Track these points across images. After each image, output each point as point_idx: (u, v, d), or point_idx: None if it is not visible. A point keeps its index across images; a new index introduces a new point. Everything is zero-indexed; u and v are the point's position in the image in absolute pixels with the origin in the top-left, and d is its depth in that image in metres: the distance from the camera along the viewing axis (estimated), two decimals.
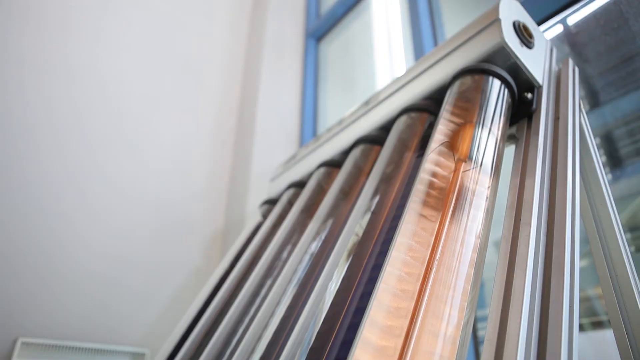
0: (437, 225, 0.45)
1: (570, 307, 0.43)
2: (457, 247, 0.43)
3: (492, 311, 0.41)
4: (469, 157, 0.51)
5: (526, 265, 0.45)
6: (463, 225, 0.45)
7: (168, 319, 1.22)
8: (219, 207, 1.47)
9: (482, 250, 0.46)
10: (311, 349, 0.44)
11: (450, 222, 0.45)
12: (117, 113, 1.33)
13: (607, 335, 1.02)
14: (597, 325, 1.03)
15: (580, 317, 0.56)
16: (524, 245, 0.48)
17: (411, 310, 0.37)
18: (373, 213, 0.58)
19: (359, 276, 0.47)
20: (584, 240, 0.56)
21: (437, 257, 0.41)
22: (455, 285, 0.41)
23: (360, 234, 0.55)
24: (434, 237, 0.44)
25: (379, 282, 0.39)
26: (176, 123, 1.47)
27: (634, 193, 1.00)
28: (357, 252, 0.50)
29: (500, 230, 0.51)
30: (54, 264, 1.09)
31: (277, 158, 1.46)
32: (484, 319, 1.10)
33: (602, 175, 0.63)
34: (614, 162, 1.02)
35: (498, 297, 0.43)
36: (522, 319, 0.40)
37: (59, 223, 1.13)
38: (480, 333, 1.10)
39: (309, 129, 1.66)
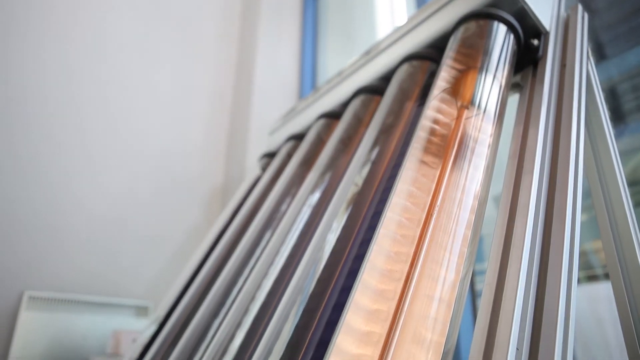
0: (438, 172, 0.44)
1: (570, 255, 0.42)
2: (458, 194, 0.43)
3: (492, 257, 0.41)
4: (471, 103, 0.50)
5: (527, 214, 0.45)
6: (464, 173, 0.44)
7: (170, 273, 1.23)
8: (218, 163, 1.46)
9: (483, 199, 0.45)
10: (311, 295, 0.44)
11: (452, 170, 0.44)
12: (114, 70, 1.30)
13: (599, 289, 1.03)
14: (591, 278, 1.05)
15: None
16: (526, 194, 0.47)
17: (411, 255, 0.37)
18: (373, 163, 0.57)
19: (359, 224, 0.46)
20: (585, 194, 0.55)
21: (438, 203, 0.41)
22: (456, 231, 0.40)
23: (360, 184, 0.54)
24: (435, 184, 0.43)
25: (379, 227, 0.38)
26: (173, 79, 1.44)
27: (636, 148, 0.99)
28: (357, 201, 0.50)
29: (501, 184, 0.51)
30: (58, 219, 1.10)
31: (276, 113, 1.44)
32: (483, 272, 1.11)
33: (608, 126, 0.62)
34: (618, 117, 1.01)
35: (498, 244, 0.43)
36: (522, 265, 0.40)
37: (61, 179, 1.13)
38: (479, 287, 1.11)
39: (308, 83, 1.63)
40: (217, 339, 0.57)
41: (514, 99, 0.61)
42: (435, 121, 0.49)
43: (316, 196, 0.65)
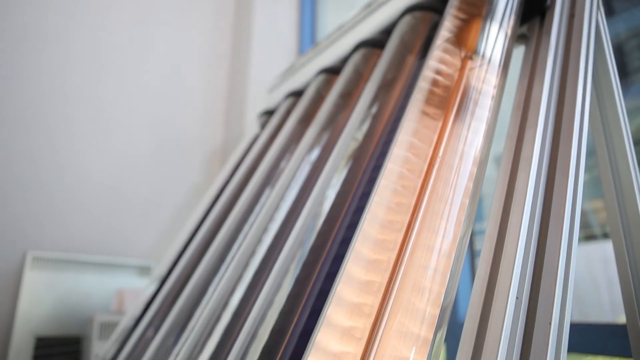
0: (440, 123, 0.43)
1: (572, 210, 0.42)
2: (460, 146, 0.42)
3: (494, 209, 0.40)
4: (475, 54, 0.48)
5: (530, 167, 0.44)
6: (467, 125, 0.43)
7: (172, 233, 1.24)
8: (217, 123, 1.45)
9: (485, 150, 0.44)
10: (311, 248, 0.44)
11: (454, 121, 0.43)
12: (111, 31, 1.27)
13: (595, 249, 1.04)
14: (589, 238, 1.05)
15: None
16: (529, 147, 0.46)
17: (412, 206, 0.37)
18: (373, 117, 0.56)
19: (360, 177, 0.45)
20: (588, 153, 0.54)
21: (440, 154, 0.40)
22: (457, 184, 0.40)
23: (361, 138, 0.53)
24: (436, 136, 0.42)
25: (380, 178, 0.38)
26: (170, 39, 1.41)
27: None
28: (357, 155, 0.49)
29: (502, 145, 0.49)
30: (59, 180, 1.09)
31: (275, 72, 1.41)
32: (482, 232, 1.11)
33: (616, 81, 0.60)
34: (623, 75, 0.99)
35: (500, 195, 0.42)
36: (524, 217, 0.39)
37: (63, 140, 1.12)
38: (478, 247, 1.12)
39: (308, 41, 1.59)
40: (217, 294, 0.57)
41: (519, 52, 0.59)
42: (438, 72, 0.47)
43: (315, 153, 0.64)
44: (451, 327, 0.98)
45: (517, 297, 0.34)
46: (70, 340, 1.02)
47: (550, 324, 0.33)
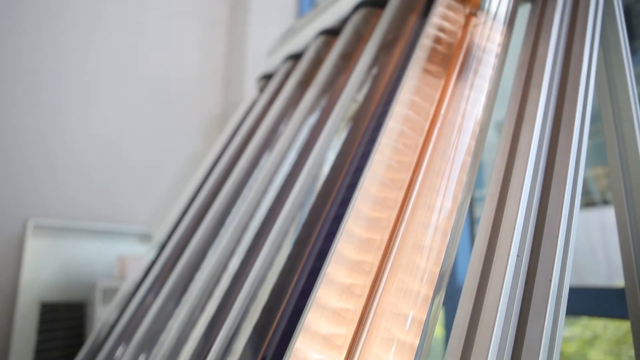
0: (443, 82, 0.42)
1: (575, 172, 0.41)
2: (463, 104, 0.41)
3: (496, 168, 0.40)
4: (480, 9, 0.47)
5: (533, 127, 0.43)
6: (470, 83, 0.42)
7: (173, 200, 1.24)
8: (215, 90, 1.43)
9: (488, 110, 0.43)
10: (312, 208, 0.43)
11: (457, 80, 0.42)
12: None
13: (593, 216, 1.04)
14: (588, 205, 1.05)
15: None
16: (533, 106, 0.45)
17: (414, 162, 0.36)
18: (374, 78, 0.55)
19: (360, 137, 0.45)
20: (591, 119, 0.53)
21: (442, 112, 0.39)
22: (459, 143, 0.39)
23: (361, 100, 0.52)
24: (439, 94, 0.41)
25: (380, 137, 0.37)
26: (167, 3, 1.37)
27: None
28: (358, 116, 0.48)
29: (505, 109, 0.48)
30: (59, 148, 1.09)
31: (274, 35, 1.38)
32: (482, 199, 1.11)
33: (625, 43, 0.58)
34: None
35: (503, 154, 0.41)
36: (526, 176, 0.39)
37: (61, 108, 1.11)
38: (478, 214, 1.12)
39: (307, 4, 1.55)
40: (217, 257, 0.57)
41: (524, 9, 0.58)
42: (441, 29, 0.46)
43: (315, 116, 0.63)
44: (450, 292, 0.99)
45: (517, 255, 0.34)
46: (75, 306, 1.03)
47: (550, 281, 0.33)
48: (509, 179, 0.39)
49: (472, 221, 1.13)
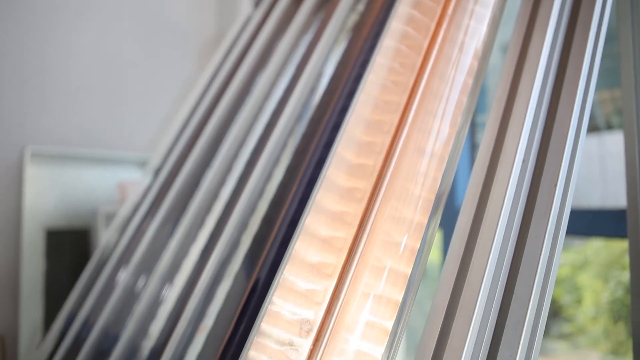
0: None
1: (582, 102, 0.38)
2: (466, 20, 0.37)
3: (505, 69, 0.37)
4: None
5: (545, 33, 0.39)
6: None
7: (170, 126, 1.22)
8: (210, 11, 1.36)
9: (493, 27, 0.40)
10: (310, 120, 0.41)
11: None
12: None
13: (594, 143, 1.02)
14: (592, 129, 1.03)
15: None
16: (545, 12, 0.41)
17: (410, 83, 0.33)
18: None
19: (357, 52, 0.42)
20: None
21: (443, 28, 0.36)
22: (459, 62, 0.36)
23: (362, 9, 0.48)
24: (440, 7, 0.37)
25: (374, 55, 0.34)
26: None
27: None
28: (357, 27, 0.44)
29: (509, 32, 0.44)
30: (54, 73, 1.05)
31: None
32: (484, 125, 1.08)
33: None
34: None
35: (513, 54, 0.39)
36: (537, 80, 0.36)
37: (56, 30, 1.05)
38: (478, 140, 1.10)
39: None
40: (208, 184, 0.56)
41: None
42: None
43: (311, 31, 0.59)
44: (449, 213, 1.00)
45: (523, 160, 0.32)
46: (80, 233, 1.04)
47: (555, 185, 0.32)
48: (518, 83, 0.37)
49: (472, 145, 1.11)
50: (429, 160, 0.33)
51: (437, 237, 1.01)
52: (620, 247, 1.06)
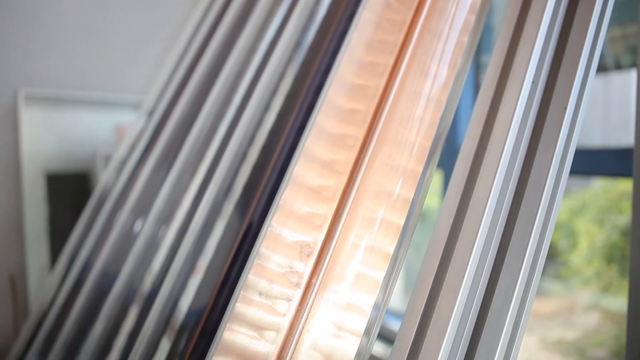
0: None
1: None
2: None
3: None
4: None
5: None
6: None
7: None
8: None
9: None
10: (295, 78, 0.39)
11: None
12: None
13: (598, 84, 0.99)
14: (599, 70, 1.00)
15: None
16: None
17: (407, 21, 0.31)
18: None
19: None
20: None
21: None
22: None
23: None
24: None
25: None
26: None
27: None
28: None
29: None
30: (48, 11, 1.00)
31: None
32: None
33: None
34: None
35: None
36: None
37: None
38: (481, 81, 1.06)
39: None
40: (200, 127, 0.55)
41: None
42: None
43: None
44: (449, 153, 0.98)
45: (533, 82, 0.31)
46: (80, 177, 1.04)
47: (565, 108, 0.31)
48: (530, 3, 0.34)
49: (476, 88, 1.08)
50: (426, 104, 0.31)
51: (437, 179, 1.00)
52: (618, 190, 1.06)
